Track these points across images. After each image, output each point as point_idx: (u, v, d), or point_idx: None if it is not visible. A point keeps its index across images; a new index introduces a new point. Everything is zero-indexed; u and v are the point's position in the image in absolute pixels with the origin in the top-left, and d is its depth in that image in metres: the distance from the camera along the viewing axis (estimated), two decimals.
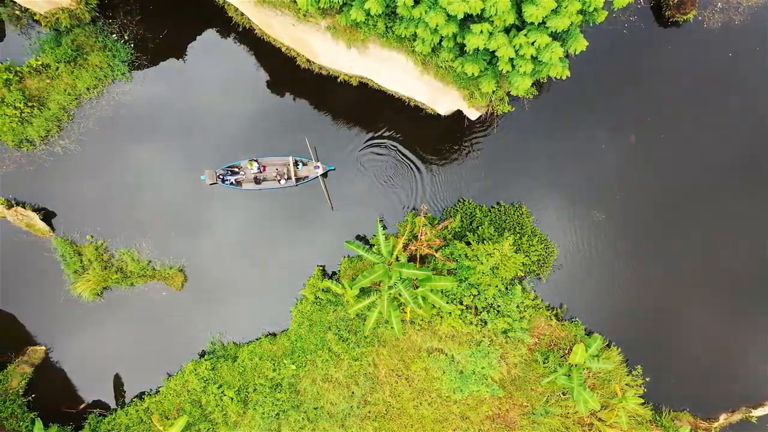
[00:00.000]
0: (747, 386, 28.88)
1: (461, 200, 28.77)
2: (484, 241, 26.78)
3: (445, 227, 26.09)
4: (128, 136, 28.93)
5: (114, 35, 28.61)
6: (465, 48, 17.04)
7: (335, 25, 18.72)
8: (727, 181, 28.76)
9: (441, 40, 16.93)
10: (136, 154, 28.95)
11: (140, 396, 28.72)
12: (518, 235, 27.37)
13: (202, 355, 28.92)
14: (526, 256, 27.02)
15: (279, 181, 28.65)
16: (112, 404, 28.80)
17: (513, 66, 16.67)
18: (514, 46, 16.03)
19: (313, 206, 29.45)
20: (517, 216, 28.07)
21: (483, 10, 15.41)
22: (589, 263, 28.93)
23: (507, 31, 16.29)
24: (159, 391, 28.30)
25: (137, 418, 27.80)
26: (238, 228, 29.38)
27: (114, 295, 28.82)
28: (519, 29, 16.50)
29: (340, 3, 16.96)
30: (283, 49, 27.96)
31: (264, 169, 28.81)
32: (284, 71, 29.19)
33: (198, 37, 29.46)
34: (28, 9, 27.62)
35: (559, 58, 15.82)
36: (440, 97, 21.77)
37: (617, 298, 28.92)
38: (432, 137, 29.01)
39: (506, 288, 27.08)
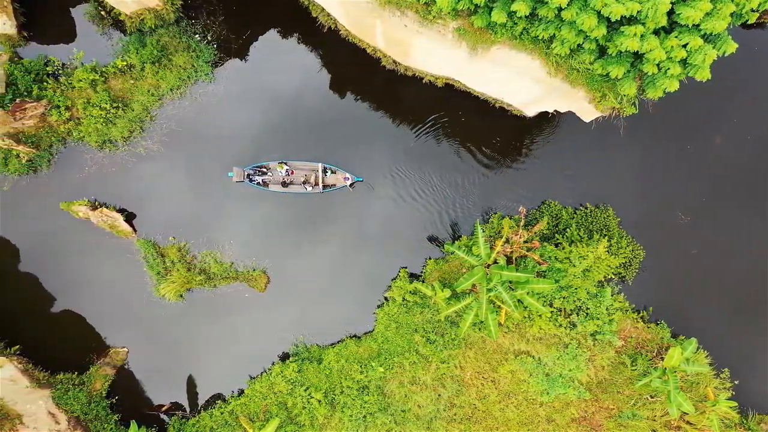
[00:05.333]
0: None
1: (546, 202, 28.64)
2: (573, 244, 26.69)
3: (540, 229, 25.92)
4: (203, 136, 28.80)
5: (197, 36, 28.46)
6: (607, 50, 16.93)
7: (465, 27, 18.58)
8: None
9: (583, 42, 16.81)
10: (212, 155, 28.78)
11: (222, 398, 28.63)
12: (606, 237, 27.22)
13: (283, 357, 28.82)
14: (615, 257, 26.86)
15: (305, 186, 28.36)
16: (194, 406, 28.72)
17: (658, 68, 16.57)
18: (665, 48, 15.93)
19: (379, 212, 29.22)
20: (604, 218, 27.93)
21: (639, 12, 15.30)
22: (673, 265, 28.77)
23: (655, 33, 16.17)
24: (243, 393, 28.20)
25: (222, 420, 27.73)
26: (315, 230, 29.22)
27: (196, 296, 28.70)
28: (666, 31, 16.39)
29: (481, 3, 16.81)
30: (368, 50, 27.81)
31: (292, 173, 28.64)
32: (364, 72, 29.10)
33: (279, 37, 29.32)
34: (113, 9, 27.48)
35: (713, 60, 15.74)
36: (556, 99, 21.66)
37: (701, 299, 28.79)
38: (518, 138, 28.95)
39: (596, 290, 26.93)
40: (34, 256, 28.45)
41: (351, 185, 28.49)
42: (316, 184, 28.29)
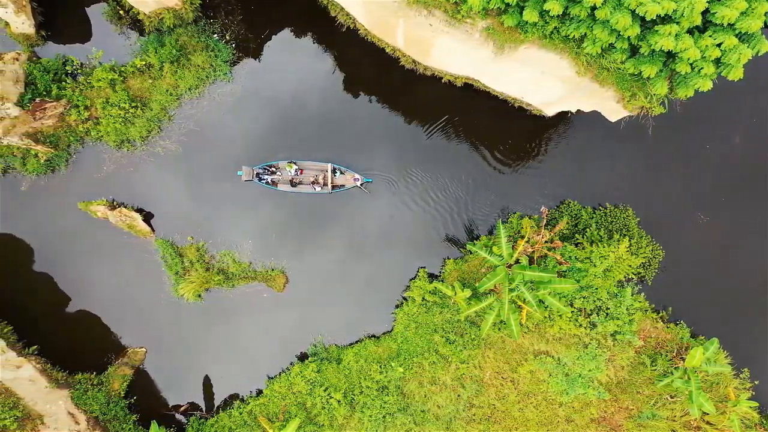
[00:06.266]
0: None
1: (565, 202, 28.59)
2: (593, 243, 26.64)
3: (560, 229, 25.86)
4: (222, 136, 28.75)
5: (215, 35, 28.40)
6: (639, 49, 16.89)
7: (494, 26, 18.53)
8: None
9: (615, 41, 16.76)
10: (230, 154, 28.68)
11: (240, 398, 28.57)
12: (626, 237, 27.15)
13: (301, 357, 28.76)
14: (635, 257, 26.80)
15: (314, 186, 28.34)
16: (212, 407, 28.65)
17: (692, 67, 16.53)
18: (699, 48, 15.88)
19: (395, 212, 29.13)
20: (623, 218, 27.87)
21: (674, 11, 15.26)
22: (692, 265, 28.71)
23: (689, 32, 16.12)
24: (261, 394, 28.13)
25: (240, 421, 27.66)
26: (329, 231, 29.15)
27: (214, 296, 28.62)
28: (700, 30, 16.34)
29: (512, 3, 16.78)
30: (387, 50, 27.74)
31: (301, 173, 28.59)
32: (381, 72, 29.07)
33: (296, 37, 29.25)
34: (131, 9, 27.41)
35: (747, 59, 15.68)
36: (581, 99, 21.59)
37: (720, 299, 28.74)
38: (536, 138, 28.91)
39: (616, 290, 26.87)
40: (51, 256, 28.38)
41: (361, 185, 28.43)
42: (325, 184, 28.28)
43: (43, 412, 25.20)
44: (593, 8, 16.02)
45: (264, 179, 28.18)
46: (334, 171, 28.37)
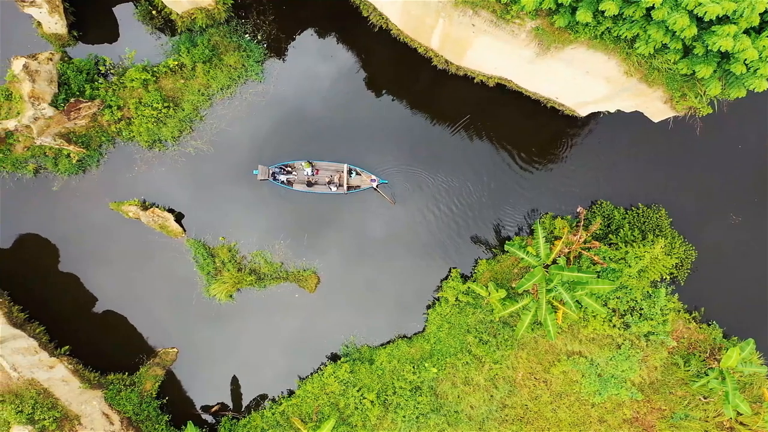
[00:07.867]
0: None
1: (598, 202, 28.54)
2: (627, 244, 26.60)
3: (595, 230, 25.83)
4: (253, 136, 28.72)
5: (247, 35, 28.35)
6: (693, 49, 16.84)
7: (543, 27, 18.49)
8: None
9: (669, 41, 16.71)
10: (259, 154, 28.62)
11: (271, 399, 28.55)
12: (660, 237, 27.11)
13: (332, 358, 28.73)
14: (670, 258, 26.75)
15: (330, 187, 28.28)
16: (243, 407, 28.62)
17: (747, 68, 16.49)
18: (757, 48, 15.85)
19: (425, 211, 29.12)
20: (656, 218, 27.83)
21: (734, 11, 15.22)
22: (724, 265, 28.66)
23: (745, 32, 16.09)
24: (293, 394, 28.11)
25: (273, 421, 27.63)
26: (362, 232, 29.12)
27: (245, 296, 28.59)
28: (756, 31, 16.30)
29: (566, 3, 16.74)
30: (419, 50, 27.71)
31: (317, 173, 28.54)
32: (412, 72, 29.00)
33: (327, 37, 29.20)
34: (163, 9, 27.38)
35: None
36: (625, 99, 21.52)
37: (752, 299, 28.68)
38: (568, 138, 28.87)
39: (650, 291, 26.83)
40: (83, 257, 28.35)
41: (377, 186, 28.35)
42: (341, 184, 28.19)
43: (79, 412, 25.17)
44: (649, 9, 15.98)
45: (279, 179, 28.12)
46: (350, 172, 28.29)
